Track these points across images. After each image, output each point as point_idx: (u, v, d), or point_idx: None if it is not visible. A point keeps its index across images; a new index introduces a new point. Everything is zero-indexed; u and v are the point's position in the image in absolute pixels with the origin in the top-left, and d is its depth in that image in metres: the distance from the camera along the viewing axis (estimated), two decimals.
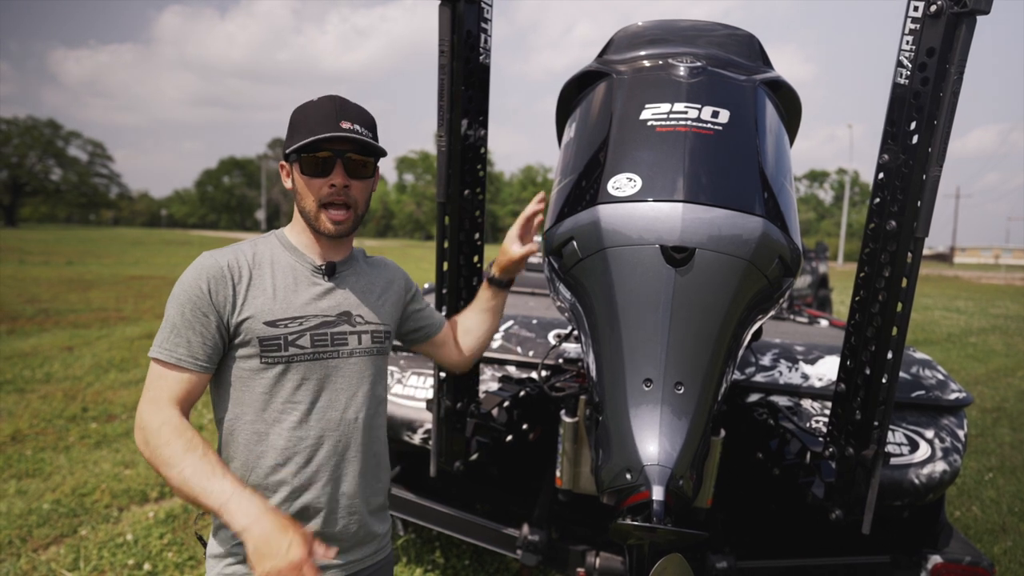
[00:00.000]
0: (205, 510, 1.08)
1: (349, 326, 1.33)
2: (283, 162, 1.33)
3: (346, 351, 1.32)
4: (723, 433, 1.74)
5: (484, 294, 1.66)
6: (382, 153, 1.33)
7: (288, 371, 1.25)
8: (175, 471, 1.07)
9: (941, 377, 2.21)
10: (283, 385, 1.25)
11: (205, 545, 1.31)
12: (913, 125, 1.39)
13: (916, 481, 1.95)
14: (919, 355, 2.34)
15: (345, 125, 1.24)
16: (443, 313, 1.84)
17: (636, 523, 1.17)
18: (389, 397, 2.35)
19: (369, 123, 1.30)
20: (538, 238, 1.66)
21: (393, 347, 2.48)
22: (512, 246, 1.61)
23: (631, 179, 1.39)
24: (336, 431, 1.30)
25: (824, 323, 3.81)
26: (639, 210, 1.34)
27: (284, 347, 1.24)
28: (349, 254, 1.39)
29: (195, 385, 1.21)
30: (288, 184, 1.33)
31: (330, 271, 1.32)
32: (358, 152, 1.27)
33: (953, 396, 2.13)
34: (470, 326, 1.66)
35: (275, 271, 1.28)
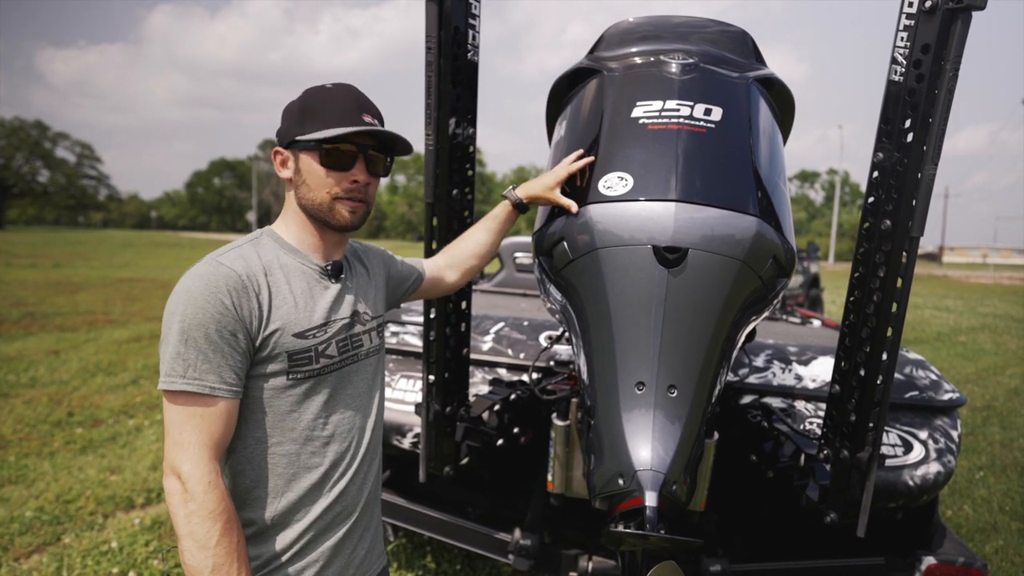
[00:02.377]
0: None
1: (361, 325, 1.27)
2: (281, 149, 1.21)
3: (363, 352, 1.27)
4: (717, 436, 1.72)
5: (500, 213, 1.59)
6: (404, 150, 1.27)
7: (318, 384, 1.16)
8: (202, 554, 0.98)
9: (935, 377, 2.20)
10: (313, 400, 1.16)
11: None
12: (908, 123, 1.37)
13: (910, 482, 1.94)
14: (912, 355, 2.33)
15: (367, 118, 1.18)
16: (432, 315, 1.81)
17: (629, 530, 1.14)
18: None
19: (381, 117, 1.24)
20: (528, 238, 1.63)
21: None
22: (557, 191, 1.47)
23: (622, 178, 1.36)
24: (364, 437, 1.26)
25: (817, 323, 3.81)
26: (631, 210, 1.31)
27: (315, 359, 1.15)
28: (346, 250, 1.33)
29: (232, 416, 1.07)
30: (286, 174, 1.21)
31: (336, 271, 1.24)
32: (377, 149, 1.21)
33: (947, 396, 2.12)
34: (477, 242, 1.60)
35: (288, 276, 1.17)
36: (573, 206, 1.42)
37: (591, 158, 1.45)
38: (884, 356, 1.46)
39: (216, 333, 1.04)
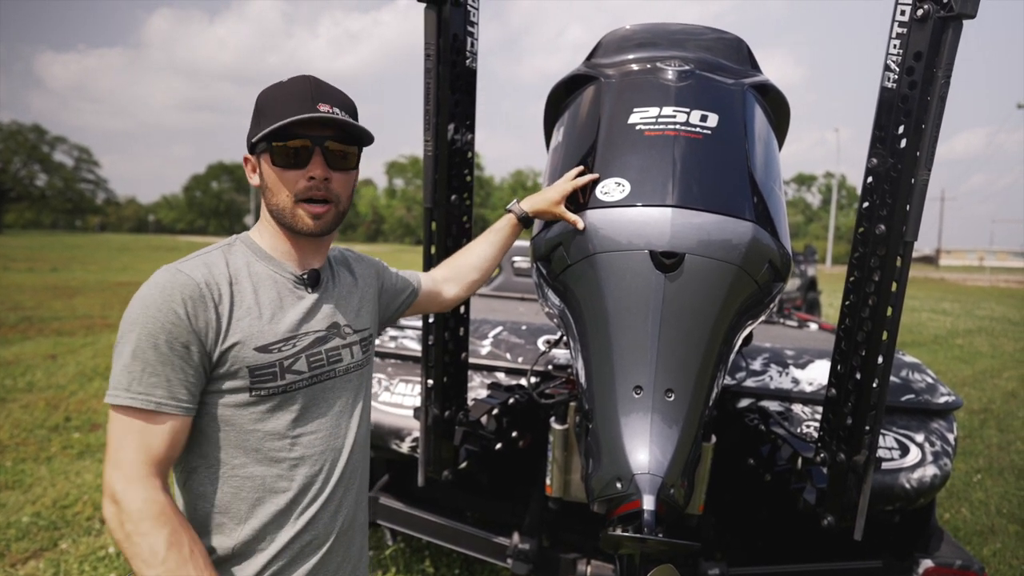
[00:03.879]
0: None
1: (340, 339, 1.17)
2: (248, 155, 1.13)
3: (341, 368, 1.17)
4: (714, 439, 1.73)
5: (504, 226, 1.54)
6: (368, 140, 1.15)
7: (285, 402, 1.08)
8: (151, 571, 0.91)
9: (931, 380, 2.21)
10: (279, 418, 1.07)
11: None
12: (901, 129, 1.39)
13: (907, 485, 1.95)
14: (908, 359, 2.34)
15: (323, 108, 1.06)
16: (431, 320, 1.82)
17: (627, 534, 1.15)
18: (377, 405, 2.32)
19: (350, 107, 1.13)
20: (526, 242, 1.64)
21: (379, 353, 2.48)
22: (563, 206, 1.43)
23: (619, 184, 1.37)
24: (340, 460, 1.16)
25: (813, 327, 3.82)
26: (628, 215, 1.33)
27: (280, 375, 1.06)
28: (327, 258, 1.24)
29: (179, 434, 0.99)
30: (255, 181, 1.13)
31: (313, 281, 1.15)
32: (339, 140, 1.10)
33: (943, 400, 2.13)
34: (480, 256, 1.54)
35: (256, 285, 1.08)
36: (579, 222, 1.39)
37: (595, 174, 1.44)
38: (880, 359, 1.47)
39: (166, 344, 0.96)
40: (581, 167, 1.49)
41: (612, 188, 1.37)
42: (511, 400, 2.08)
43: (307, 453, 1.11)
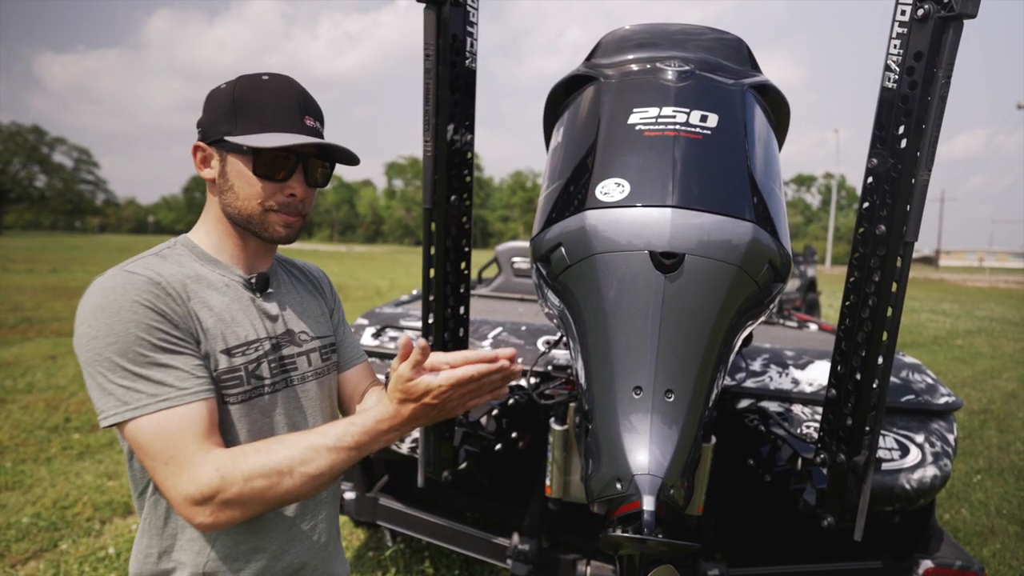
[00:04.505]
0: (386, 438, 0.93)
1: (295, 346, 1.12)
2: (203, 143, 1.03)
3: (298, 376, 1.12)
4: (714, 440, 1.73)
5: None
6: (354, 162, 1.12)
7: (249, 410, 1.02)
8: (313, 464, 0.88)
9: (931, 381, 2.21)
10: (243, 427, 1.01)
11: None
12: (901, 129, 1.38)
13: (907, 486, 1.95)
14: (908, 359, 2.34)
15: (309, 122, 1.04)
16: (430, 320, 1.81)
17: (627, 534, 1.15)
18: None
19: (322, 118, 1.10)
20: (525, 243, 1.63)
21: (379, 354, 2.48)
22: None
23: (619, 184, 1.37)
24: None
25: (813, 327, 3.82)
26: (627, 215, 1.32)
27: (246, 379, 1.01)
28: (273, 262, 1.17)
29: (213, 415, 0.93)
30: (208, 174, 1.05)
31: (262, 284, 1.09)
32: (321, 157, 1.08)
33: (943, 400, 2.13)
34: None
35: (208, 288, 1.02)
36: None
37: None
38: (880, 360, 1.46)
39: (160, 340, 0.90)
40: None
41: (612, 188, 1.37)
42: (511, 401, 2.08)
43: None
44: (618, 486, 1.19)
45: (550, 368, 2.23)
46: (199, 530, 0.93)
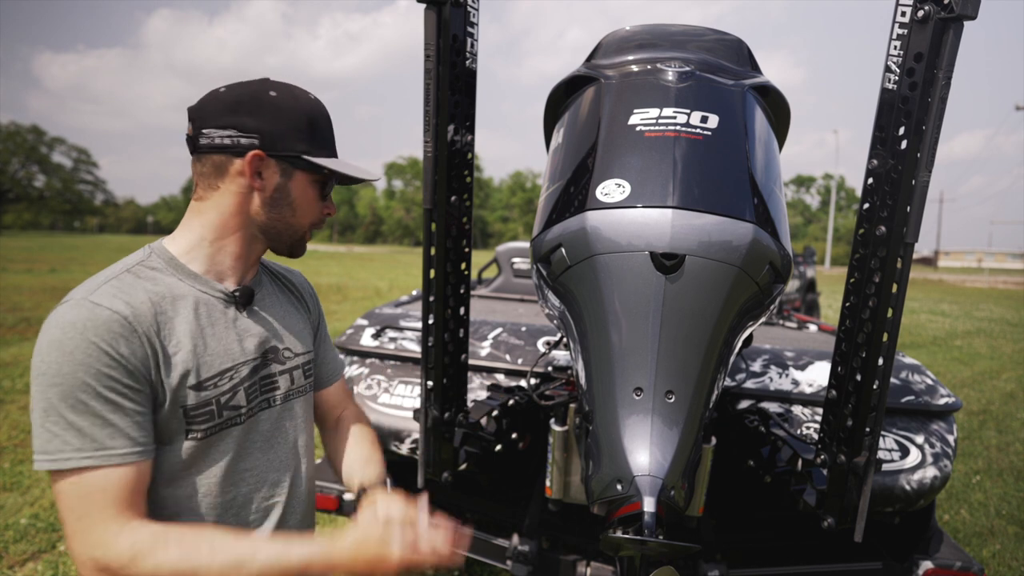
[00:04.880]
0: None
1: (278, 364, 1.07)
2: (263, 152, 0.97)
3: (279, 396, 1.07)
4: (714, 441, 1.72)
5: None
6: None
7: (218, 441, 0.98)
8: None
9: (930, 382, 2.21)
10: (212, 459, 0.97)
11: None
12: (902, 130, 1.38)
13: (907, 487, 1.95)
14: (908, 360, 2.34)
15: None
16: (430, 321, 1.81)
17: (627, 536, 1.15)
18: (376, 407, 2.31)
19: None
20: (525, 243, 1.63)
21: (379, 355, 2.48)
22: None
23: (620, 185, 1.37)
24: (281, 497, 1.07)
25: (813, 328, 3.82)
26: (628, 216, 1.32)
27: (217, 413, 0.96)
28: (259, 268, 1.13)
29: (141, 481, 0.88)
30: (261, 184, 0.99)
31: (247, 298, 1.03)
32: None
33: (943, 401, 2.13)
34: (352, 457, 1.24)
35: (182, 311, 0.95)
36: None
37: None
38: (880, 361, 1.46)
39: (107, 389, 0.85)
40: None
41: (612, 189, 1.37)
42: (511, 402, 2.08)
43: (239, 493, 1.01)
44: (618, 487, 1.19)
45: (550, 369, 2.23)
46: None
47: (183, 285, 0.97)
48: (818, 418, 2.09)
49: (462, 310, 1.87)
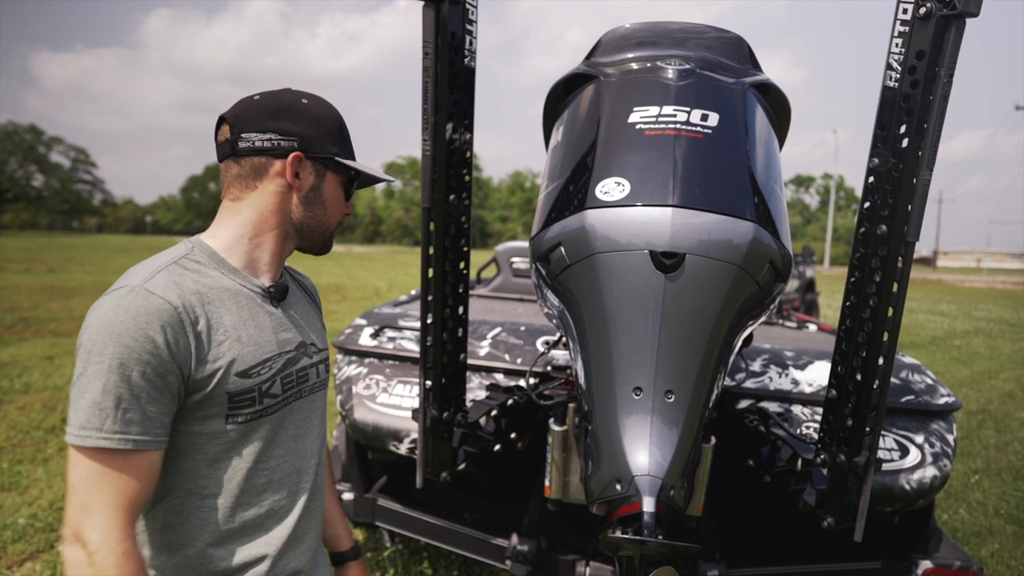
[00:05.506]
0: None
1: (307, 358, 1.13)
2: (301, 153, 1.04)
3: (308, 388, 1.13)
4: (714, 440, 1.72)
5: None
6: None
7: (257, 427, 1.03)
8: None
9: (930, 382, 2.21)
10: (249, 444, 1.03)
11: None
12: (903, 128, 1.38)
13: (907, 487, 1.94)
14: (908, 360, 2.34)
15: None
16: (429, 320, 1.80)
17: (626, 536, 1.14)
18: (375, 406, 2.31)
19: None
20: (524, 243, 1.62)
21: (378, 355, 2.47)
22: None
23: (619, 183, 1.36)
24: (307, 482, 1.13)
25: (812, 327, 3.82)
26: (628, 215, 1.32)
27: (258, 399, 1.01)
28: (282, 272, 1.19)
29: (154, 471, 0.93)
30: (299, 183, 1.06)
31: (282, 294, 1.09)
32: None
33: (942, 401, 2.13)
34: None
35: (227, 303, 1.00)
36: None
37: None
38: (880, 360, 1.46)
39: (142, 377, 0.88)
40: None
41: (612, 188, 1.36)
42: (510, 401, 2.07)
43: (274, 477, 1.07)
44: (618, 487, 1.19)
45: (549, 368, 2.22)
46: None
47: (226, 279, 1.02)
48: (818, 418, 2.08)
49: (461, 309, 1.87)
